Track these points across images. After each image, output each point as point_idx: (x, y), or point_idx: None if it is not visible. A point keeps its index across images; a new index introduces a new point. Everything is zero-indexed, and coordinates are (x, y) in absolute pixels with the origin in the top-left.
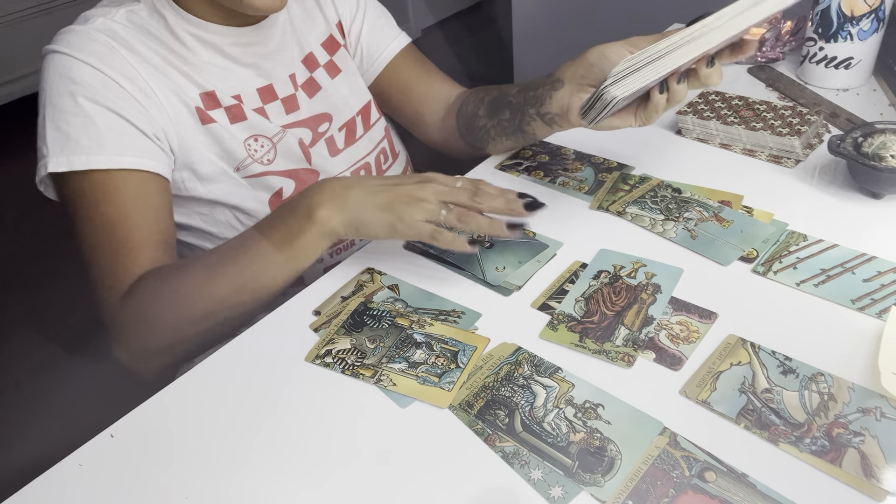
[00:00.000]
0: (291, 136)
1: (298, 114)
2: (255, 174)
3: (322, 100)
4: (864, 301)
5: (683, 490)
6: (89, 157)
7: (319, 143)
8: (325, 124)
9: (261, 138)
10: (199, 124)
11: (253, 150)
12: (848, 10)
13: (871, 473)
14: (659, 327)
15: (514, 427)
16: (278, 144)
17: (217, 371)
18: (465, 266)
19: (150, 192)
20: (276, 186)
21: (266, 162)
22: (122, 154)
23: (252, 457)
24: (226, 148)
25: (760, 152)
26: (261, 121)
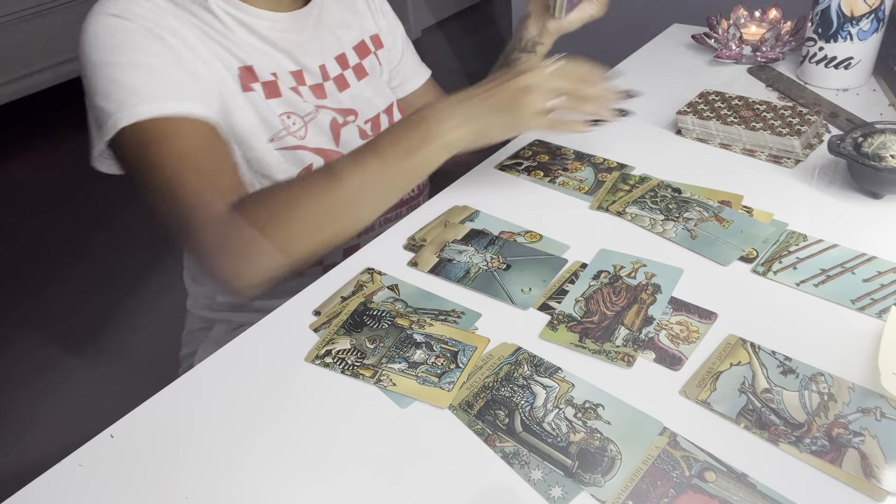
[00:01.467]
0: (324, 116)
1: (325, 102)
2: (288, 146)
3: (349, 96)
4: (864, 301)
5: (683, 490)
6: (155, 105)
7: (350, 125)
8: (351, 116)
9: (293, 115)
10: (240, 90)
11: (287, 124)
12: (848, 10)
13: (871, 473)
14: (659, 327)
15: (514, 427)
16: (309, 123)
17: (217, 371)
18: (489, 293)
19: (214, 134)
20: (307, 161)
21: (299, 137)
22: (185, 102)
23: (252, 457)
24: (263, 117)
25: (760, 152)
26: (295, 98)
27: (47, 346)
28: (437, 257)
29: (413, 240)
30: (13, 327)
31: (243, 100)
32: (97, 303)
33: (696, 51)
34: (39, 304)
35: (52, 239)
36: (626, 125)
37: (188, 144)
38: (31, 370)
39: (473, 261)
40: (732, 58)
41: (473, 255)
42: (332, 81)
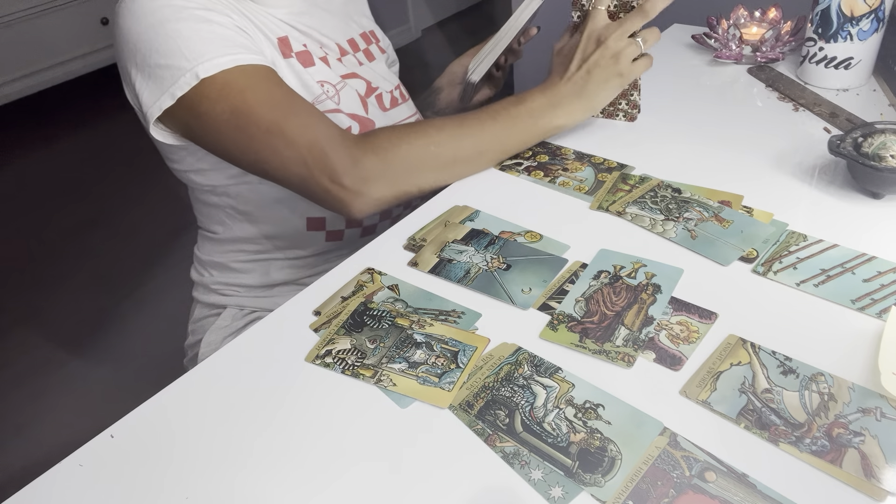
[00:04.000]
0: (351, 86)
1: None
2: (328, 110)
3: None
4: (864, 301)
5: (684, 490)
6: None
7: (372, 97)
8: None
9: (326, 84)
10: (281, 57)
11: (325, 89)
12: (848, 10)
13: (872, 473)
14: (659, 327)
15: (514, 427)
16: (341, 91)
17: (217, 371)
18: (489, 293)
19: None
20: (345, 124)
21: (336, 102)
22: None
23: (252, 457)
24: (303, 82)
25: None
26: (325, 69)
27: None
28: (438, 257)
29: (413, 240)
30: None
31: (286, 66)
32: (97, 303)
33: (696, 51)
34: (39, 304)
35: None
36: (626, 125)
37: (280, 88)
38: (31, 370)
39: (473, 261)
40: (732, 58)
41: (473, 255)
42: (351, 55)
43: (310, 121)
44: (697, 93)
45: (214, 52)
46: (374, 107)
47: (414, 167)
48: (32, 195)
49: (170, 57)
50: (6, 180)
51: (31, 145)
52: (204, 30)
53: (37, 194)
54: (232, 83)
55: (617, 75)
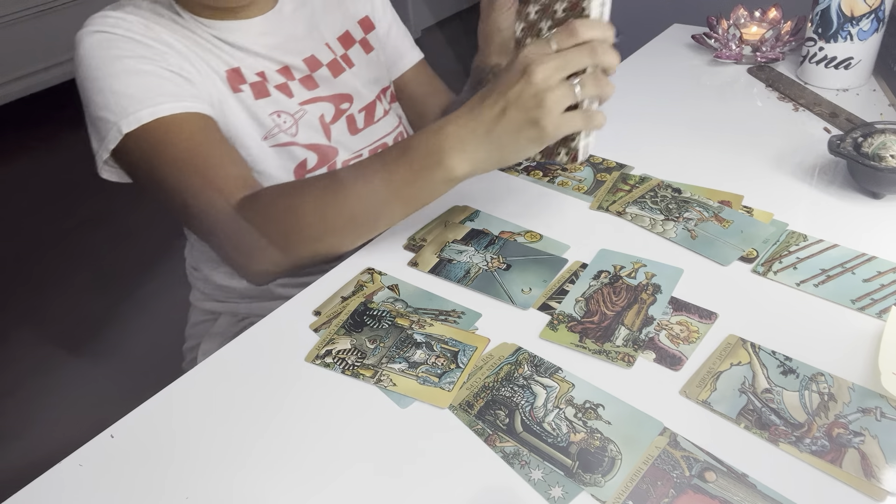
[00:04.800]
0: (312, 114)
1: (318, 91)
2: (281, 143)
3: (342, 82)
4: (864, 301)
5: (683, 490)
6: (153, 108)
7: (340, 120)
8: (345, 103)
9: (283, 114)
10: (230, 92)
11: (278, 122)
12: (848, 10)
13: (872, 473)
14: (659, 327)
15: (514, 427)
16: (300, 121)
17: (217, 371)
18: (489, 293)
19: (212, 128)
20: (300, 157)
21: (291, 134)
22: (180, 100)
23: (252, 457)
24: (254, 117)
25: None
26: (283, 98)
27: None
28: (438, 257)
29: (413, 240)
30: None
31: (234, 101)
32: (97, 303)
33: (696, 51)
34: (39, 304)
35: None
36: (625, 125)
37: (190, 143)
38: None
39: (473, 261)
40: (732, 58)
41: (473, 255)
42: (325, 68)
43: (209, 183)
44: (697, 93)
45: (137, 105)
46: (340, 131)
47: (290, 241)
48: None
49: (102, 109)
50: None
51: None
52: (131, 82)
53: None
54: (149, 138)
55: (532, 124)
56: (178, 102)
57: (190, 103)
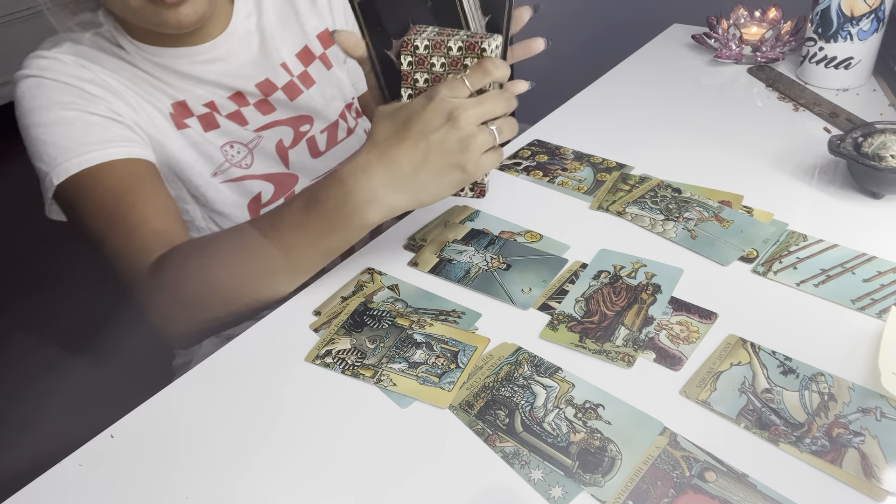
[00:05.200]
0: (269, 140)
1: (275, 115)
2: (233, 178)
3: (302, 104)
4: (864, 301)
5: (683, 490)
6: (79, 159)
7: (300, 144)
8: (305, 125)
9: (236, 144)
10: (174, 129)
11: (230, 155)
12: (848, 10)
13: (872, 473)
14: (659, 327)
15: (514, 427)
16: (255, 150)
17: (217, 371)
18: (489, 293)
19: (143, 174)
20: (255, 191)
21: (244, 166)
22: (109, 147)
23: (252, 457)
24: (202, 152)
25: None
26: (235, 128)
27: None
28: (438, 257)
29: (413, 240)
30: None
31: (179, 138)
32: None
33: (696, 51)
34: (39, 304)
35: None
36: (625, 125)
37: (113, 195)
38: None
39: (473, 261)
40: (732, 58)
41: (473, 255)
42: (280, 91)
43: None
44: (697, 93)
45: (65, 155)
46: (301, 155)
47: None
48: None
49: (37, 159)
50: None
51: None
52: (59, 132)
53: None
54: (76, 189)
55: (459, 168)
56: (106, 150)
57: (120, 149)
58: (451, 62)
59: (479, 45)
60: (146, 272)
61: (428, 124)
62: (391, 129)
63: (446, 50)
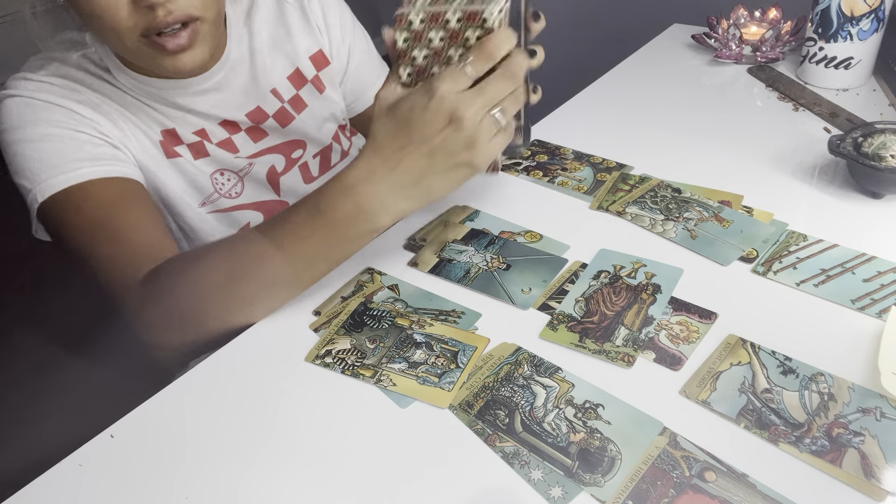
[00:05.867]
0: (261, 166)
1: (266, 141)
2: (222, 209)
3: (294, 129)
4: (864, 301)
5: (683, 490)
6: (67, 175)
7: (293, 170)
8: (298, 150)
9: (227, 172)
10: (164, 157)
11: (220, 184)
12: (848, 10)
13: (871, 473)
14: (659, 327)
15: (514, 427)
16: (245, 178)
17: (217, 371)
18: (489, 292)
19: (132, 191)
20: (243, 221)
21: (234, 195)
22: (97, 164)
23: (252, 457)
24: (192, 181)
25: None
26: (225, 155)
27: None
28: (438, 257)
29: (413, 240)
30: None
31: (169, 167)
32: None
33: (696, 51)
34: (39, 304)
35: None
36: (625, 125)
37: (105, 209)
38: (31, 370)
39: (473, 261)
40: (732, 58)
41: (473, 255)
42: (271, 119)
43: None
44: (697, 93)
45: (51, 172)
46: (293, 181)
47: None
48: None
49: (20, 176)
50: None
51: None
52: (46, 148)
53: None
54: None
55: (466, 165)
56: (97, 166)
57: (110, 167)
58: (451, 35)
59: (479, 14)
60: (137, 283)
61: (429, 127)
62: (392, 130)
63: (444, 22)
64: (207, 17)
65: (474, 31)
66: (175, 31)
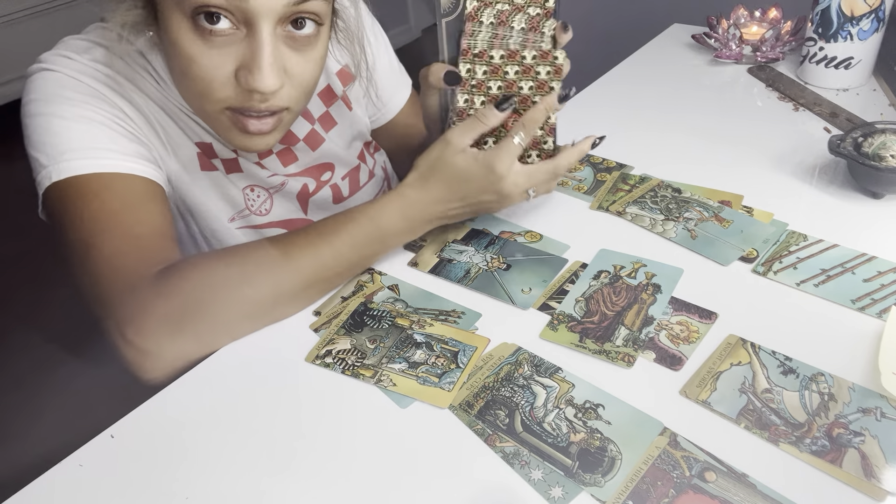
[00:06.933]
0: (293, 185)
1: (297, 164)
2: (252, 225)
3: (322, 152)
4: (864, 301)
5: (684, 490)
6: (94, 161)
7: (324, 189)
8: (327, 173)
9: (257, 188)
10: (199, 169)
11: (251, 199)
12: (848, 10)
13: (872, 473)
14: (659, 327)
15: (514, 427)
16: (275, 195)
17: (217, 371)
18: (489, 293)
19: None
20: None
21: (263, 212)
22: (128, 160)
23: (252, 457)
24: (224, 194)
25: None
26: (260, 172)
27: (47, 346)
28: (438, 257)
29: (413, 240)
30: (13, 327)
31: (203, 178)
32: None
33: (696, 51)
34: (39, 304)
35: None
36: (625, 125)
37: (122, 203)
38: (31, 370)
39: (473, 261)
40: (732, 58)
41: (473, 255)
42: (302, 143)
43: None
44: (697, 93)
45: (74, 154)
46: (322, 202)
47: (221, 315)
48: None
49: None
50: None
51: None
52: (75, 128)
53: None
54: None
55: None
56: (128, 161)
57: (140, 166)
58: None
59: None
60: (146, 279)
61: (482, 195)
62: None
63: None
64: (295, 109)
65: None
66: (262, 115)
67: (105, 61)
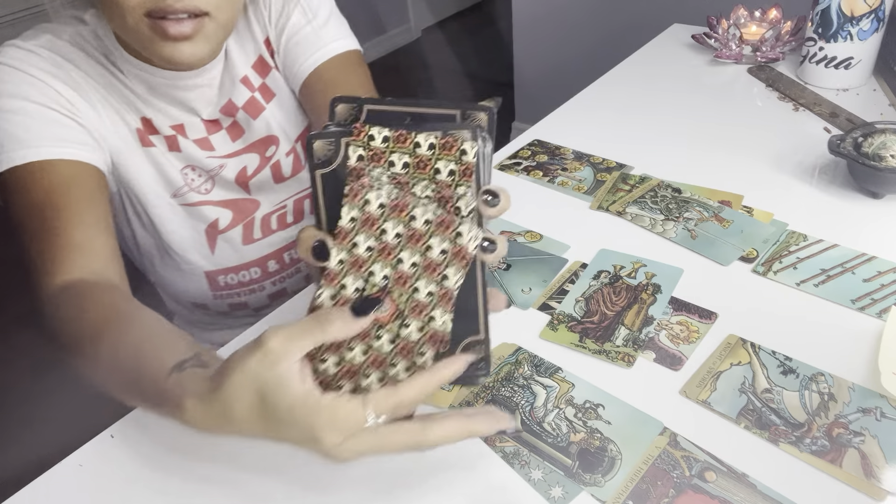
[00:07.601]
0: (230, 170)
1: (245, 139)
2: (191, 203)
3: (264, 123)
4: (864, 301)
5: (683, 490)
6: (28, 151)
7: (265, 169)
8: (272, 147)
9: (197, 168)
10: (139, 146)
11: (189, 178)
12: (848, 10)
13: (871, 473)
14: (659, 327)
15: None
16: (216, 177)
17: None
18: None
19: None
20: (211, 217)
21: (203, 192)
22: (59, 146)
23: (252, 457)
24: (163, 173)
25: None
26: (198, 153)
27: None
28: None
29: None
30: (13, 327)
31: (142, 155)
32: None
33: (696, 51)
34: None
35: None
36: (625, 125)
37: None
38: (31, 370)
39: None
40: (732, 58)
41: None
42: (241, 111)
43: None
44: (697, 93)
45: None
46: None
47: (77, 361)
48: None
49: None
50: None
51: None
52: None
53: None
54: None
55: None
56: (58, 147)
57: (71, 150)
58: (425, 262)
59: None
60: (52, 291)
61: (292, 442)
62: (244, 423)
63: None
64: (217, 17)
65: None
66: (180, 18)
67: (49, 45)
